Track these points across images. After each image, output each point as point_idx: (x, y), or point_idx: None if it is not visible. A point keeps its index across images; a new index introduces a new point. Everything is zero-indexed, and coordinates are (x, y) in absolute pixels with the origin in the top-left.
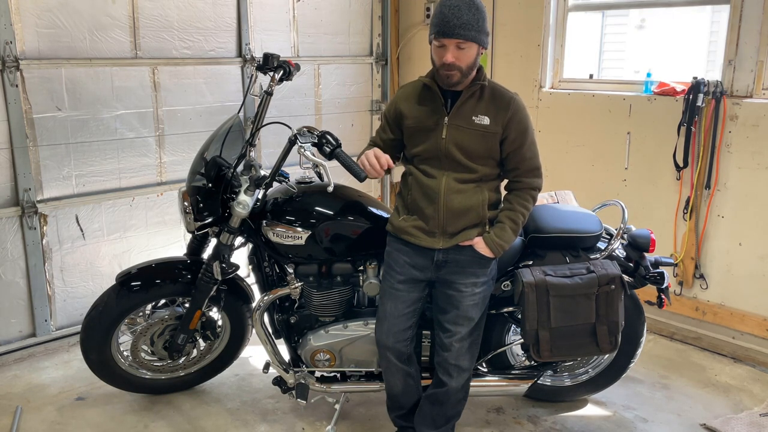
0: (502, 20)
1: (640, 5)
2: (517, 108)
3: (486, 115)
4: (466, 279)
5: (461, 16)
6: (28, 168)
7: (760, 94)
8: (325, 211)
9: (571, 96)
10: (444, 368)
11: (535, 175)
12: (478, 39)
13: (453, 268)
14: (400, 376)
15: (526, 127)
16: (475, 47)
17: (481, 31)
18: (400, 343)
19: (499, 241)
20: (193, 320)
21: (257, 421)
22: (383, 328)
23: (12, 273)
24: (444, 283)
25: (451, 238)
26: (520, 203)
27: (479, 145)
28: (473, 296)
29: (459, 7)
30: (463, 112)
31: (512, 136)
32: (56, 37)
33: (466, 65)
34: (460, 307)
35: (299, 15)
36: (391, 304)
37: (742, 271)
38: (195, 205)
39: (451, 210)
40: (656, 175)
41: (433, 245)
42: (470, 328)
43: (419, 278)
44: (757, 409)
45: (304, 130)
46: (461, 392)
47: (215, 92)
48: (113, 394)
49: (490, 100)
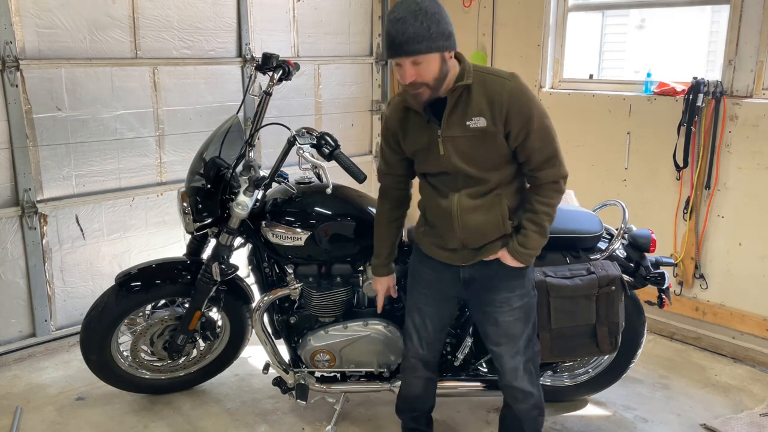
0: (502, 20)
1: (640, 5)
2: (514, 95)
3: (481, 116)
4: (499, 294)
5: (406, 30)
6: (28, 168)
7: (760, 94)
8: (324, 211)
9: (571, 96)
10: (508, 392)
11: (552, 164)
12: (434, 47)
13: (483, 284)
14: (422, 381)
15: (529, 113)
16: (434, 57)
17: (435, 38)
18: (428, 354)
19: (525, 250)
20: (192, 321)
21: (257, 422)
22: (412, 342)
23: (12, 273)
24: (477, 300)
25: (474, 254)
26: (541, 201)
27: (484, 151)
28: (512, 311)
29: (404, 20)
30: (454, 121)
31: (515, 129)
32: (56, 37)
33: (431, 79)
34: (498, 324)
35: (299, 15)
36: (417, 317)
37: (742, 271)
38: (194, 206)
39: (469, 229)
40: (656, 175)
41: (456, 262)
42: (517, 347)
43: (448, 293)
44: (757, 409)
45: (303, 131)
46: (534, 411)
47: (215, 92)
48: (113, 394)
49: (481, 97)
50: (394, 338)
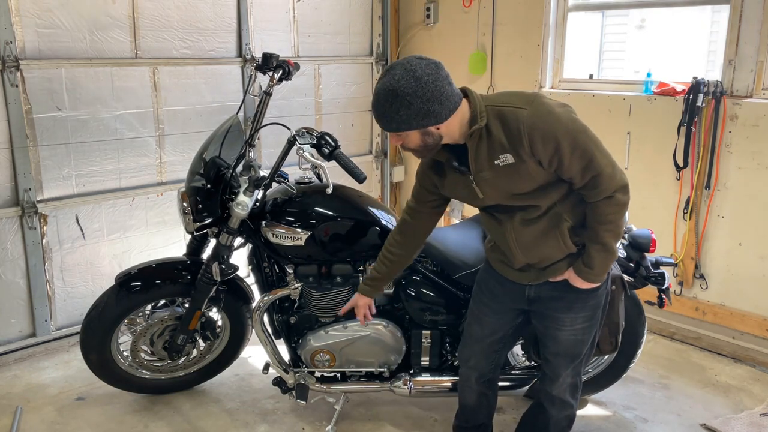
0: (502, 20)
1: (640, 5)
2: (532, 124)
3: (506, 153)
4: (564, 314)
5: (379, 108)
6: (28, 168)
7: (760, 94)
8: (324, 211)
9: (571, 96)
10: (547, 397)
11: (599, 181)
12: (407, 127)
13: (548, 303)
14: (475, 395)
15: (555, 138)
16: (412, 133)
17: (406, 119)
18: (484, 366)
19: (590, 270)
20: (192, 321)
21: (257, 422)
22: (466, 349)
23: (12, 273)
24: (540, 315)
25: (540, 274)
26: (598, 219)
27: (522, 184)
28: (574, 331)
29: (377, 97)
30: (482, 164)
31: (546, 157)
32: (56, 37)
33: (416, 147)
34: (558, 341)
35: (299, 15)
36: (477, 327)
37: (742, 271)
38: (194, 206)
39: (529, 252)
40: (656, 175)
41: (523, 281)
42: (573, 365)
43: (511, 307)
44: (757, 409)
45: (303, 131)
46: (565, 421)
47: (215, 92)
48: (113, 394)
49: (500, 133)
50: (394, 338)
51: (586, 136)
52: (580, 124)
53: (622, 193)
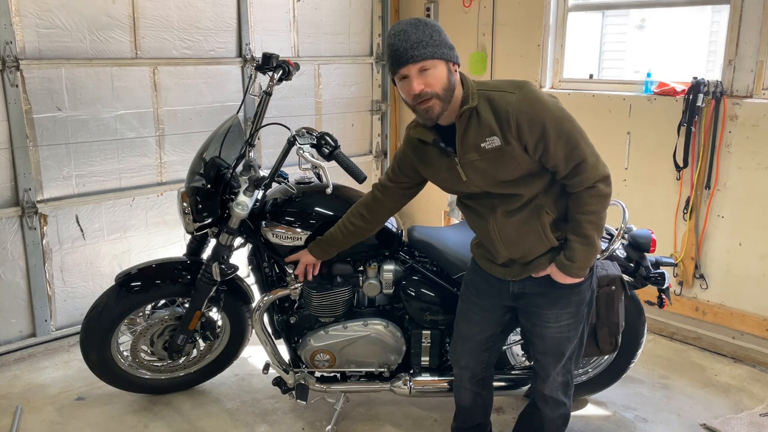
0: (502, 20)
1: (640, 5)
2: (520, 108)
3: (493, 135)
4: (548, 310)
5: (409, 38)
6: (28, 168)
7: (760, 94)
8: (324, 211)
9: (571, 96)
10: (540, 396)
11: (582, 169)
12: (440, 54)
13: (533, 300)
14: (470, 395)
15: (542, 123)
16: (441, 64)
17: (439, 44)
18: (475, 366)
19: (572, 264)
20: (192, 321)
21: (257, 422)
22: (457, 349)
23: (12, 273)
24: (526, 312)
25: (523, 269)
26: (581, 210)
27: (506, 169)
28: (559, 328)
29: (405, 31)
30: (468, 145)
31: (531, 142)
32: (56, 37)
33: (441, 88)
34: (545, 339)
35: (299, 15)
36: (465, 326)
37: (742, 271)
38: (194, 206)
39: (511, 246)
40: (656, 175)
41: (506, 276)
42: (562, 362)
43: (497, 304)
44: (757, 409)
45: (303, 131)
46: (560, 419)
47: (215, 92)
48: (113, 394)
49: (489, 116)
50: (394, 338)
51: (571, 125)
52: (566, 113)
53: (605, 184)
